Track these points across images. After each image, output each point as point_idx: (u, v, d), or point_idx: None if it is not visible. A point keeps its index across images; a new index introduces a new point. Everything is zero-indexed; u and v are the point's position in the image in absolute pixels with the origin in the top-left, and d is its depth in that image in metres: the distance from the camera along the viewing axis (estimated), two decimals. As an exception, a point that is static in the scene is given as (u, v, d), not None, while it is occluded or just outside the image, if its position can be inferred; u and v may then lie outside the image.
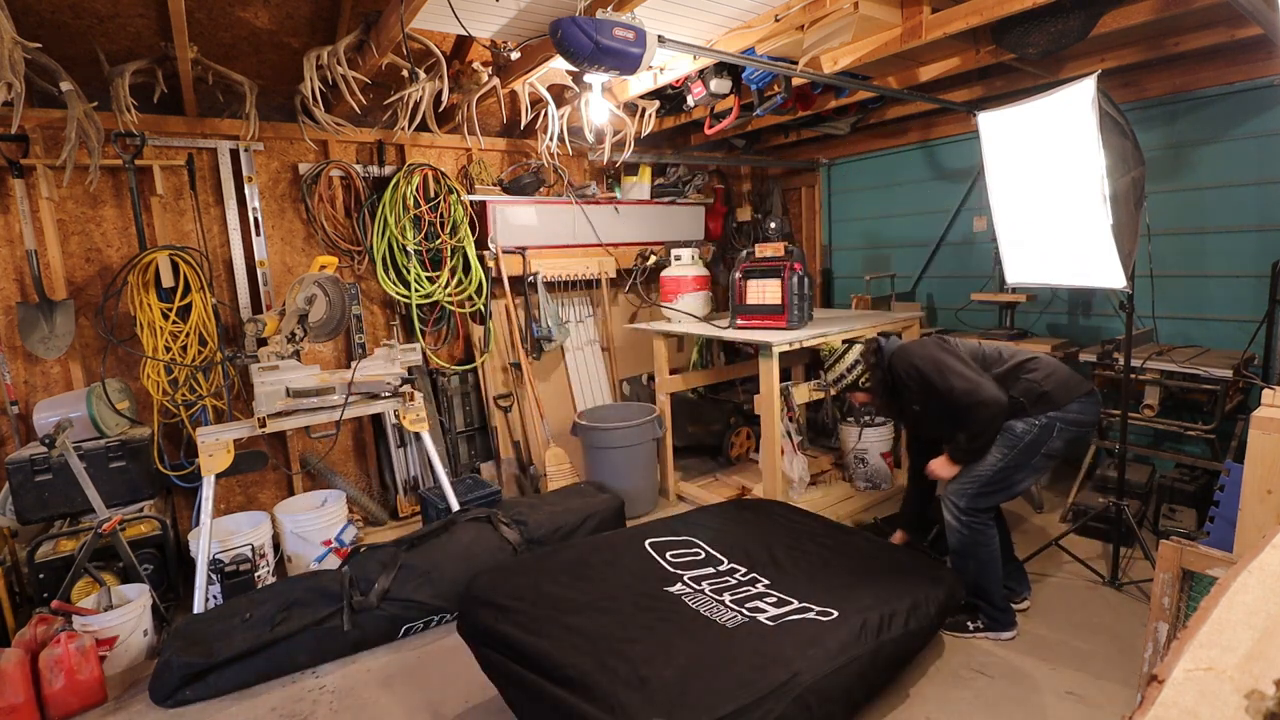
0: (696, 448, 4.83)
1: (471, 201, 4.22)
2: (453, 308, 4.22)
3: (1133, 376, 3.05)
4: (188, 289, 3.36)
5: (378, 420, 4.09)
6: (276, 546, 3.36)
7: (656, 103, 4.16)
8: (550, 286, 4.56)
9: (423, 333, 4.14)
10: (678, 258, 4.26)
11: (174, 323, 3.33)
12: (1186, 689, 0.65)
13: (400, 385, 3.22)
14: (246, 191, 3.66)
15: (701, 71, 3.48)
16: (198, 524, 2.96)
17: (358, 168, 3.95)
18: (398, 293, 3.98)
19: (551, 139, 4.04)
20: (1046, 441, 2.45)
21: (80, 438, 2.99)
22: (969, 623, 2.61)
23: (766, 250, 3.71)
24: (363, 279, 4.07)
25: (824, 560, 2.57)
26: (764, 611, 2.19)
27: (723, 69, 3.46)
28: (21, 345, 3.14)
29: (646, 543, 2.70)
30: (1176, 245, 3.66)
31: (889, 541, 2.91)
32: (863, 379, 2.74)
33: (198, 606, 2.79)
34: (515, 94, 3.82)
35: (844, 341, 2.85)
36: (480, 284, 4.21)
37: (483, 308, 4.27)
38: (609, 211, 4.78)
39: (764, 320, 3.64)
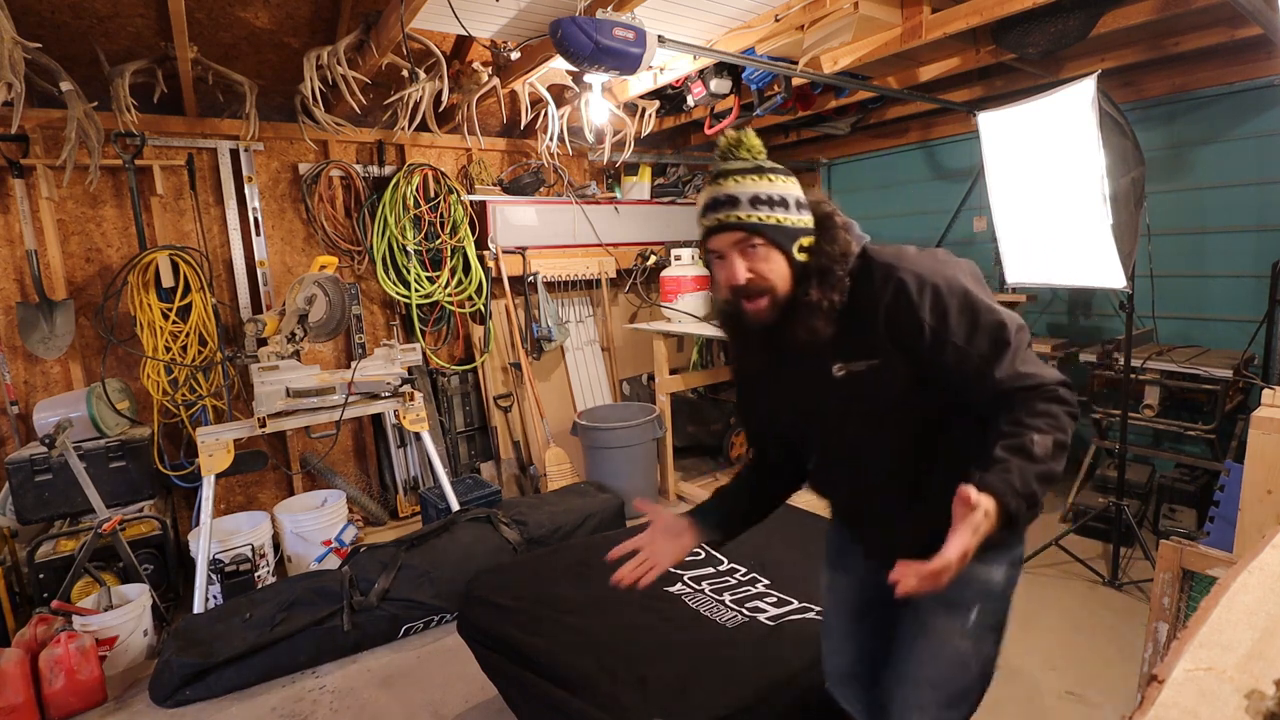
0: (696, 448, 4.83)
1: (471, 201, 4.21)
2: (453, 308, 4.22)
3: (1133, 376, 3.05)
4: (188, 289, 3.36)
5: (378, 420, 4.09)
6: (276, 546, 3.36)
7: (656, 103, 4.16)
8: (550, 286, 4.55)
9: (423, 333, 4.14)
10: (678, 258, 4.26)
11: (174, 323, 3.33)
12: (1186, 689, 0.65)
13: (400, 385, 3.22)
14: (246, 191, 3.65)
15: (701, 71, 3.48)
16: (198, 524, 2.96)
17: (358, 168, 3.95)
18: (398, 293, 3.98)
19: (551, 139, 4.04)
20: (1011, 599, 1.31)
21: (80, 438, 2.98)
22: None
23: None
24: (363, 279, 4.07)
25: (824, 560, 2.57)
26: (764, 611, 2.19)
27: (723, 69, 3.46)
28: (21, 345, 3.13)
29: (646, 543, 2.70)
30: (1176, 245, 3.66)
31: None
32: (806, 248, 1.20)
33: (198, 606, 2.78)
34: (515, 94, 3.82)
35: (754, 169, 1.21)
36: (480, 284, 4.21)
37: (483, 308, 4.27)
38: (609, 211, 4.78)
39: (764, 320, 3.63)
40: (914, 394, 1.18)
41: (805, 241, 1.19)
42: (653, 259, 4.90)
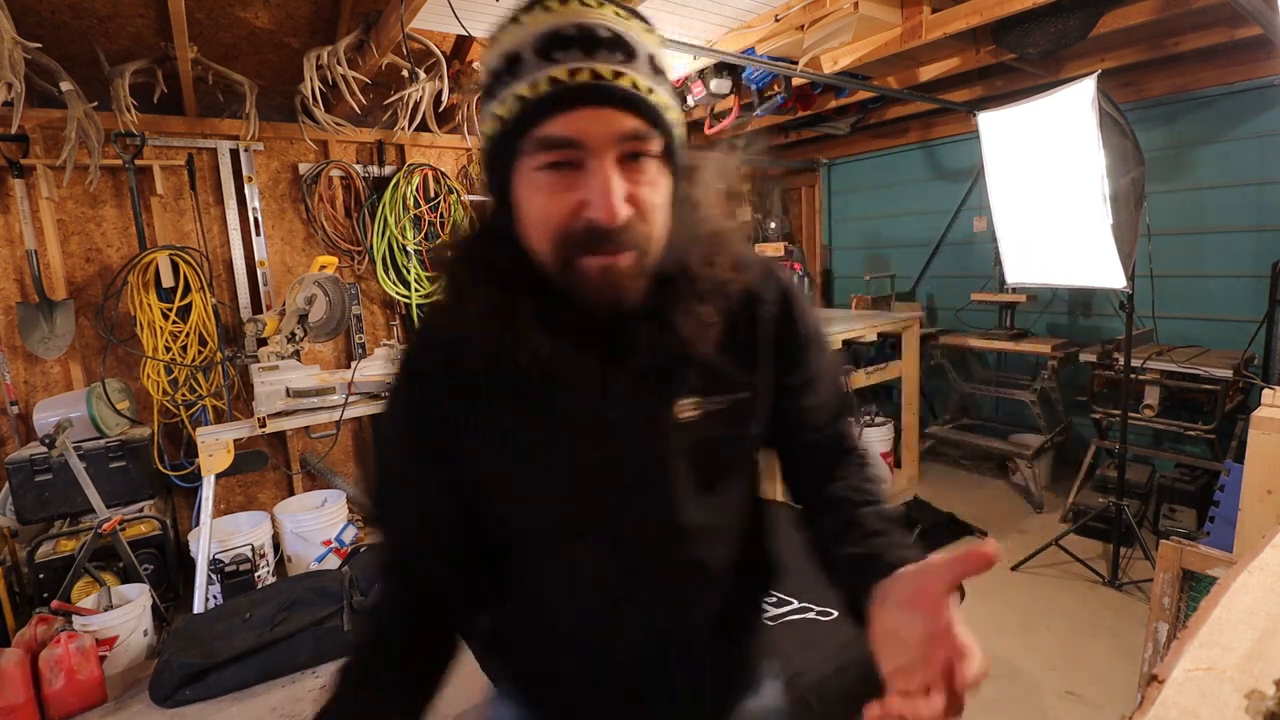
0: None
1: (471, 201, 4.22)
2: (453, 308, 4.22)
3: (1133, 376, 3.05)
4: (188, 289, 3.36)
5: (378, 420, 4.09)
6: (276, 546, 3.36)
7: (656, 103, 4.15)
8: (550, 286, 4.56)
9: (423, 333, 4.14)
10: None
11: (174, 323, 3.33)
12: (1186, 689, 0.65)
13: (400, 385, 3.22)
14: (246, 191, 3.65)
15: (701, 71, 3.47)
16: (198, 524, 2.95)
17: (358, 168, 3.95)
18: (398, 293, 3.98)
19: (551, 139, 4.04)
20: None
21: (80, 438, 2.98)
22: None
23: (766, 250, 3.71)
24: (363, 279, 4.07)
25: (824, 560, 2.57)
26: (763, 611, 2.19)
27: (723, 69, 3.45)
28: (21, 345, 3.13)
29: (646, 543, 2.70)
30: (1176, 245, 3.66)
31: None
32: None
33: (198, 606, 2.78)
34: (515, 94, 3.82)
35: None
36: (480, 284, 4.21)
37: (483, 308, 4.27)
38: (609, 211, 4.78)
39: (764, 320, 3.63)
40: (758, 452, 0.81)
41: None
42: (653, 259, 4.90)
